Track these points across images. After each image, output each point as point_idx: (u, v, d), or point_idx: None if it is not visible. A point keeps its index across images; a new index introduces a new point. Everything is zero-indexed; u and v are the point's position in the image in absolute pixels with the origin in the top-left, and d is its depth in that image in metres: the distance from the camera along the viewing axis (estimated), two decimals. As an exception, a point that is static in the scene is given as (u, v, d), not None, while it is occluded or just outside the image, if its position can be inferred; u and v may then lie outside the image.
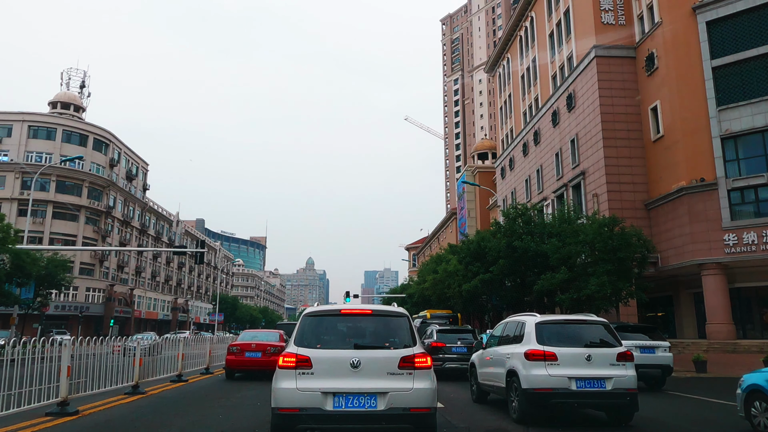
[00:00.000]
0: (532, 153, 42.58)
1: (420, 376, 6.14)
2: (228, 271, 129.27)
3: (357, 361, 6.05)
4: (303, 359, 6.10)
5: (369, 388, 6.01)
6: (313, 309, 6.96)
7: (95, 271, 61.68)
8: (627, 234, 18.42)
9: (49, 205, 57.48)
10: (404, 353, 6.20)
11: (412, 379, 6.10)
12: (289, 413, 5.98)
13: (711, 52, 26.79)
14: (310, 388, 5.99)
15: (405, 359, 6.14)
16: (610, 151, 30.32)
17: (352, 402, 5.97)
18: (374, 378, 6.05)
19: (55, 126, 59.57)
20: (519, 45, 47.01)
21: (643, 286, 18.69)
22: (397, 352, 6.24)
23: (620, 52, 31.52)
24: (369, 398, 6.00)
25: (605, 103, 30.89)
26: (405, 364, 6.13)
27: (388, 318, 6.81)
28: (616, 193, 29.82)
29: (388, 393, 5.99)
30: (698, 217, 26.04)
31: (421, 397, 6.06)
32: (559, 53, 38.20)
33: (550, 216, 29.50)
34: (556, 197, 36.74)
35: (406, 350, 6.24)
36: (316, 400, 5.95)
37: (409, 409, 6.00)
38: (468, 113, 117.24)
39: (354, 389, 6.00)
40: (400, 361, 6.13)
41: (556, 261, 20.15)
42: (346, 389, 5.99)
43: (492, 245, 25.16)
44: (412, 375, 6.11)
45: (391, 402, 5.97)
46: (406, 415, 5.99)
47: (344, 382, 6.01)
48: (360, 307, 6.98)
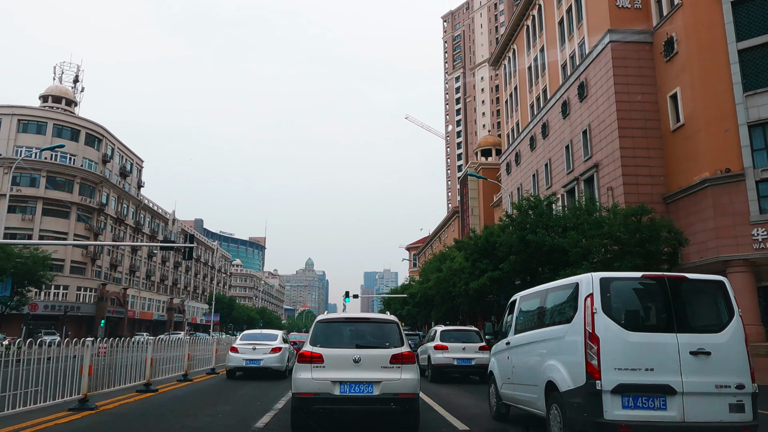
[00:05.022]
0: (539, 147, 40.81)
1: (406, 369, 7.74)
2: (226, 271, 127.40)
3: (358, 358, 7.69)
4: (317, 355, 7.72)
5: (367, 378, 7.60)
6: (324, 317, 8.62)
7: (87, 269, 59.87)
8: (657, 225, 16.61)
9: (39, 202, 55.74)
10: (394, 352, 7.80)
11: (400, 371, 7.69)
12: (306, 397, 7.59)
13: (737, 33, 25.00)
14: (322, 378, 7.58)
15: (395, 356, 7.75)
16: (626, 142, 28.55)
17: (354, 388, 7.58)
18: (371, 370, 7.64)
19: (46, 120, 57.81)
20: (525, 35, 45.24)
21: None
22: (388, 350, 7.84)
23: (636, 37, 29.74)
24: (367, 386, 7.59)
25: (621, 91, 29.11)
26: (395, 360, 7.73)
27: (382, 324, 8.47)
28: (632, 186, 28.03)
29: (381, 382, 7.59)
30: (723, 210, 24.25)
31: (407, 385, 7.66)
32: (569, 41, 36.44)
33: (560, 211, 27.72)
34: (566, 192, 34.98)
35: (396, 349, 7.85)
36: (326, 387, 7.54)
37: (397, 395, 7.59)
38: (470, 111, 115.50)
39: (356, 379, 7.60)
40: (391, 357, 7.74)
41: (576, 255, 18.39)
42: (349, 379, 7.59)
43: (502, 240, 23.36)
44: (401, 368, 7.70)
45: (384, 389, 7.57)
46: (395, 398, 7.59)
47: (348, 374, 7.61)
48: (360, 315, 9.20)
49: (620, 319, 6.41)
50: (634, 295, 6.90)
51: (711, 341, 6.32)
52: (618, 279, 6.80)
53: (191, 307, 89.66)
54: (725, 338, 6.38)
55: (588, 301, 6.49)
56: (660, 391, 6.10)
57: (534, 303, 8.58)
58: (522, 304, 9.05)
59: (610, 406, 6.06)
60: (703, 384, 6.12)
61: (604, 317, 6.37)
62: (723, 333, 6.43)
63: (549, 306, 7.92)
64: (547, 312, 7.91)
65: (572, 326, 6.75)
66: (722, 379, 6.16)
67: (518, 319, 8.93)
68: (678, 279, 6.76)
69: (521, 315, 8.94)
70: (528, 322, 8.57)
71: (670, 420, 6.05)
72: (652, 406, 6.12)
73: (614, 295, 6.54)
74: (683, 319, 6.48)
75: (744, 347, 6.39)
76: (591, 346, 6.29)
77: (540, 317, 8.13)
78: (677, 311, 6.50)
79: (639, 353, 6.22)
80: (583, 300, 6.58)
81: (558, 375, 6.79)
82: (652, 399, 6.12)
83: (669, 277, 6.74)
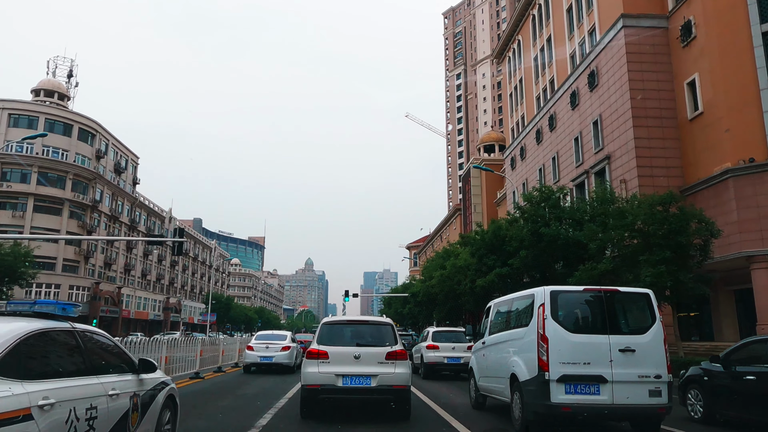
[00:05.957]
0: (546, 140, 39.35)
1: (400, 365, 8.94)
2: (224, 270, 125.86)
3: (358, 354, 8.89)
4: (323, 353, 8.95)
5: (366, 371, 8.81)
6: (329, 319, 9.87)
7: (79, 268, 58.35)
8: (687, 214, 15.14)
9: (30, 198, 54.24)
10: (389, 349, 8.99)
11: (394, 366, 8.88)
12: (313, 388, 8.84)
13: (760, 15, 23.55)
14: (327, 372, 8.80)
15: (389, 354, 8.95)
16: (640, 131, 27.10)
17: (354, 381, 8.79)
18: (369, 365, 8.85)
19: (38, 114, 56.28)
20: (531, 25, 43.79)
21: (705, 278, 15.34)
22: (384, 348, 9.01)
23: (651, 22, 28.31)
24: (366, 378, 8.80)
25: (635, 78, 27.67)
26: (390, 357, 8.92)
27: (379, 326, 9.64)
28: (647, 178, 26.56)
29: (378, 375, 8.81)
30: (747, 203, 22.78)
31: (400, 378, 8.88)
32: (578, 29, 35.01)
33: (572, 203, 26.25)
34: (575, 186, 33.53)
35: (391, 347, 9.04)
36: (331, 379, 8.76)
37: (392, 386, 8.82)
38: (471, 109, 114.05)
39: (356, 372, 8.80)
40: (387, 354, 8.93)
41: (596, 249, 16.96)
42: (350, 372, 8.80)
43: (513, 233, 21.88)
44: (395, 364, 8.90)
45: (380, 381, 8.79)
46: (390, 389, 8.83)
47: (350, 368, 8.81)
48: (360, 318, 10.88)
49: (565, 324, 7.88)
50: (577, 305, 8.43)
51: (636, 341, 7.78)
52: (564, 292, 8.32)
53: (188, 306, 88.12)
54: (648, 339, 7.84)
55: (541, 309, 7.96)
56: (594, 380, 7.58)
57: (504, 309, 10.16)
58: (495, 310, 10.66)
59: (556, 392, 7.53)
60: (628, 374, 7.58)
61: (553, 322, 7.83)
62: (646, 335, 7.89)
63: (514, 312, 9.44)
64: (513, 317, 9.46)
65: (529, 329, 8.24)
66: (644, 371, 7.64)
67: (492, 323, 10.48)
68: (612, 291, 8.25)
69: (495, 318, 10.47)
70: (499, 325, 10.12)
71: (602, 402, 7.53)
72: (588, 392, 7.58)
73: (561, 304, 8.04)
74: (615, 323, 8.03)
75: (662, 346, 7.88)
76: (542, 345, 7.73)
77: (508, 321, 9.72)
78: (610, 317, 8.01)
79: (579, 351, 7.68)
80: (537, 308, 8.04)
81: (519, 368, 8.30)
82: (588, 386, 7.60)
83: (605, 290, 8.25)
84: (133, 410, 5.29)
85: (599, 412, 7.57)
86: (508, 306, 9.84)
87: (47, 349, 4.41)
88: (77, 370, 4.60)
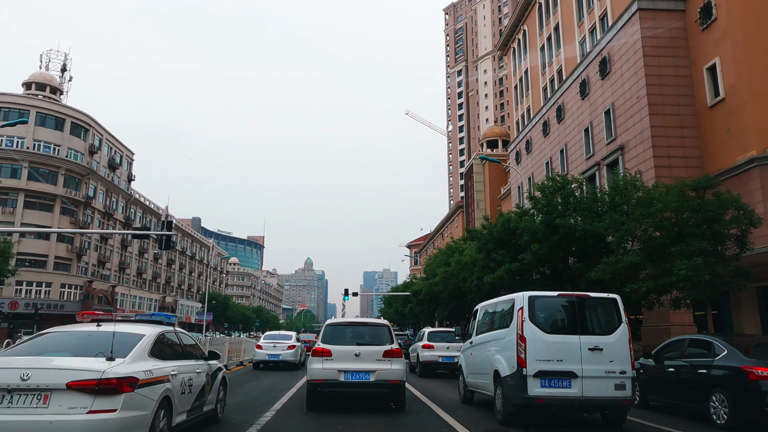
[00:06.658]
0: (554, 132, 37.85)
1: (395, 362, 10.18)
2: (222, 269, 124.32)
3: (358, 353, 10.14)
4: (327, 351, 10.20)
5: (365, 368, 10.02)
6: (332, 321, 11.31)
7: (72, 266, 56.86)
8: (725, 200, 13.62)
9: (20, 194, 52.75)
10: (386, 348, 10.26)
11: (391, 363, 10.12)
12: (318, 382, 10.11)
13: (788, -7, 22.09)
14: (331, 368, 10.04)
15: (386, 352, 10.20)
16: (657, 119, 25.58)
17: (355, 376, 10.00)
18: (368, 362, 10.06)
19: (29, 108, 54.74)
20: (537, 13, 42.29)
21: (744, 272, 13.82)
22: (382, 347, 10.29)
23: (667, 5, 26.81)
24: (365, 374, 10.00)
25: (651, 63, 26.17)
26: (386, 355, 10.16)
27: (377, 327, 11.07)
28: (664, 168, 25.02)
29: (376, 371, 10.02)
30: (775, 193, 21.28)
31: (396, 374, 10.11)
32: (588, 14, 33.53)
33: (583, 195, 24.74)
34: (585, 179, 32.00)
35: (387, 346, 10.31)
36: (334, 375, 10.00)
37: (388, 381, 10.04)
38: (472, 105, 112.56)
39: (356, 368, 10.02)
40: (384, 352, 10.18)
41: (616, 240, 15.48)
42: (351, 368, 10.01)
43: (525, 225, 20.37)
44: (391, 361, 10.13)
45: (378, 376, 10.01)
46: (386, 384, 10.07)
47: (350, 364, 10.04)
48: (360, 320, 12.66)
49: (541, 325, 8.91)
50: (552, 309, 9.39)
51: (604, 341, 8.80)
52: (541, 297, 9.34)
53: (184, 306, 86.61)
54: (614, 339, 8.85)
55: (520, 312, 9.00)
56: (566, 375, 8.57)
57: (489, 311, 11.27)
58: (481, 312, 11.76)
59: (532, 386, 8.56)
60: (596, 370, 8.60)
61: (530, 324, 8.85)
62: (613, 335, 8.89)
63: (498, 315, 10.53)
64: (497, 319, 10.54)
65: (510, 330, 9.31)
66: (610, 367, 8.66)
67: (479, 324, 11.60)
68: (583, 297, 9.31)
69: (482, 320, 11.56)
70: (485, 326, 11.21)
71: (573, 395, 8.53)
72: (560, 385, 8.56)
73: (538, 308, 9.07)
74: (585, 325, 9.05)
75: (627, 345, 8.88)
76: (521, 344, 8.76)
77: (492, 322, 10.83)
78: (581, 320, 9.04)
79: (553, 349, 8.69)
80: (517, 311, 9.09)
81: (501, 365, 9.37)
82: (561, 381, 8.58)
83: (577, 295, 9.32)
84: (207, 384, 8.16)
85: (570, 403, 8.62)
86: (493, 309, 10.95)
87: (167, 342, 7.25)
88: (180, 355, 7.48)
